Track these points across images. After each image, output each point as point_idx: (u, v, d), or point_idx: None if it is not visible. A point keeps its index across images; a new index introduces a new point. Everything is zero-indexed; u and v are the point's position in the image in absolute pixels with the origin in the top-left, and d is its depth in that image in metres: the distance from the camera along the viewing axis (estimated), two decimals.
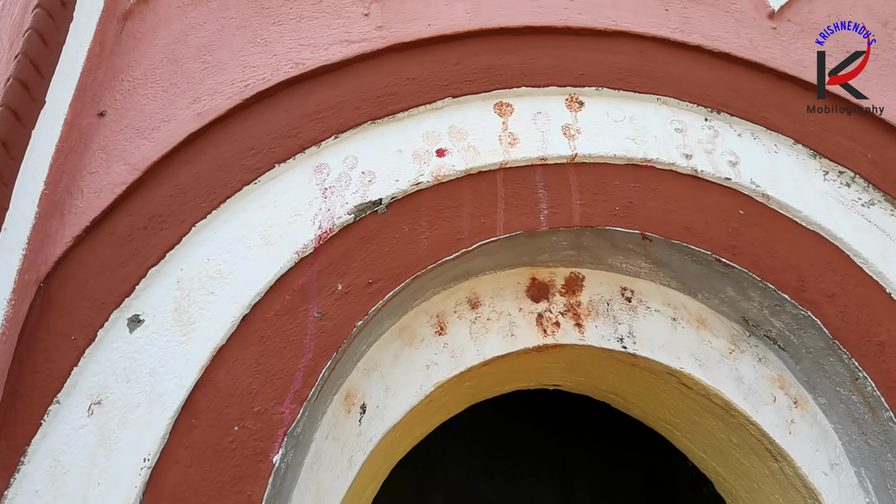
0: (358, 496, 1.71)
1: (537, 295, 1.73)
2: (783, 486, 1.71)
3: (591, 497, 5.23)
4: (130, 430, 1.37)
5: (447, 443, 5.29)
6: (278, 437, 1.38)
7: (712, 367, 1.70)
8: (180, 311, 1.48)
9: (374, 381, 1.62)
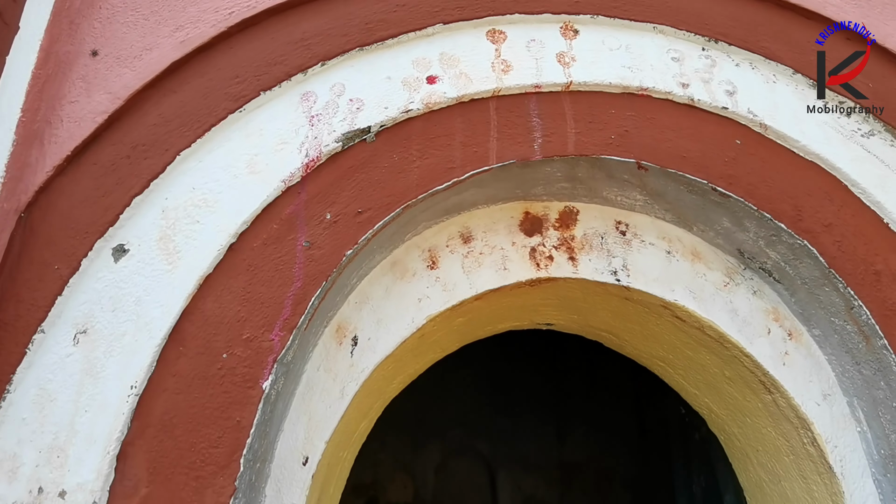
0: (351, 430, 1.70)
1: (531, 229, 1.69)
2: (776, 419, 1.70)
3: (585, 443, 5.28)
4: (117, 359, 1.35)
5: (443, 401, 5.32)
6: (268, 364, 1.36)
7: (707, 300, 1.67)
8: (166, 239, 1.44)
9: (366, 314, 1.60)
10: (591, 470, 5.25)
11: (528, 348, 5.36)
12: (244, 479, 1.30)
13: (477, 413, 5.30)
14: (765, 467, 1.82)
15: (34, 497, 1.26)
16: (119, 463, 1.29)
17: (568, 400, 5.36)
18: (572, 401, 5.35)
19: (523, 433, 5.28)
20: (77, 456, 1.28)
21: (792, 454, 1.70)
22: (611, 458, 5.26)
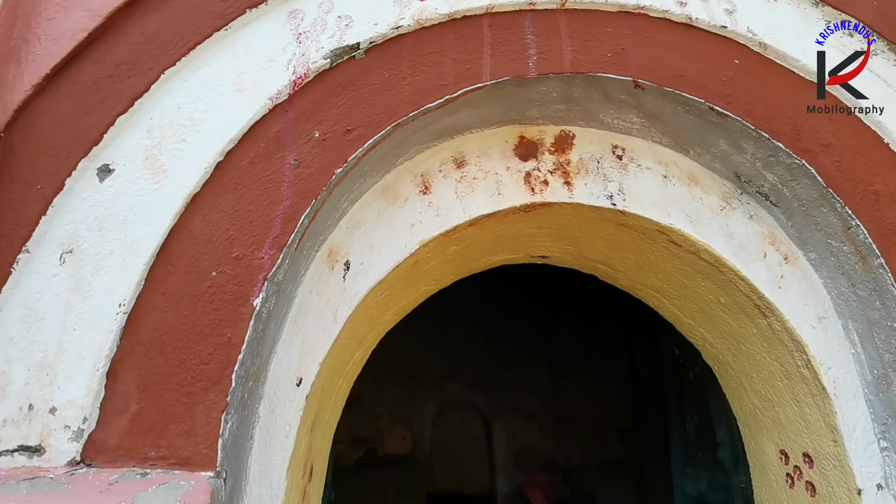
0: (346, 357, 1.68)
1: (525, 153, 1.65)
2: (770, 343, 1.69)
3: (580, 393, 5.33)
4: (104, 278, 1.32)
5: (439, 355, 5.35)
6: (258, 282, 1.33)
7: (703, 224, 1.64)
8: (152, 159, 1.39)
9: (358, 239, 1.56)
10: (586, 419, 5.31)
11: (523, 302, 5.36)
12: (236, 395, 1.28)
13: (472, 367, 5.33)
14: (758, 394, 1.82)
15: (24, 414, 1.25)
16: (109, 380, 1.27)
17: (563, 352, 5.39)
18: (567, 353, 5.39)
19: (518, 385, 5.32)
20: (66, 373, 1.26)
21: (786, 378, 1.69)
22: (605, 407, 5.31)
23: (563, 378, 5.34)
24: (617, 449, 5.27)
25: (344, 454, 5.09)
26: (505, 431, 5.25)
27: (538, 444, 5.23)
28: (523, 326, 5.39)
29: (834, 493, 1.60)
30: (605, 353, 5.41)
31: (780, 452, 1.79)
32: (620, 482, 5.13)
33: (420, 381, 5.27)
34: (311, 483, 1.62)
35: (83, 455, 1.22)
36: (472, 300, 5.35)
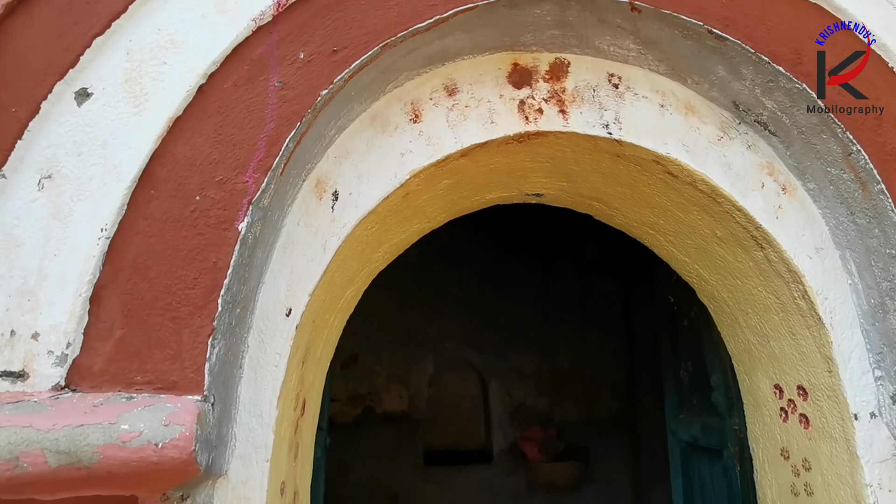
0: (336, 293, 1.65)
1: (519, 81, 1.59)
2: (766, 276, 1.66)
3: (575, 352, 5.33)
4: (85, 203, 1.27)
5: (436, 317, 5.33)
6: (243, 206, 1.29)
7: (699, 154, 1.59)
8: (132, 82, 1.33)
9: (346, 169, 1.51)
10: (581, 378, 5.33)
11: (519, 264, 5.34)
12: (223, 320, 1.24)
13: (469, 327, 5.33)
14: (754, 329, 1.79)
15: (6, 340, 1.21)
16: (92, 306, 1.23)
17: (558, 312, 5.39)
18: (563, 312, 5.38)
19: (514, 344, 5.33)
20: (48, 299, 1.22)
21: (782, 311, 1.66)
22: (599, 365, 5.33)
23: (559, 337, 5.35)
24: (611, 405, 5.31)
25: (342, 412, 5.11)
26: (501, 389, 5.27)
27: (533, 402, 5.26)
28: (519, 287, 5.38)
29: (827, 423, 1.59)
30: (601, 311, 5.41)
31: (774, 387, 1.77)
32: (614, 437, 5.18)
33: (417, 341, 5.26)
34: (303, 417, 1.60)
35: (67, 380, 1.19)
36: (469, 262, 5.33)
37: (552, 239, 5.44)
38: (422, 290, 5.30)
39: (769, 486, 1.82)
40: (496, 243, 5.38)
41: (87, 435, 1.04)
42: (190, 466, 1.09)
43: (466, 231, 5.40)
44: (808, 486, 1.65)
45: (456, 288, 5.35)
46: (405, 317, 5.27)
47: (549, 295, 5.40)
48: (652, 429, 4.87)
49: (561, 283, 5.41)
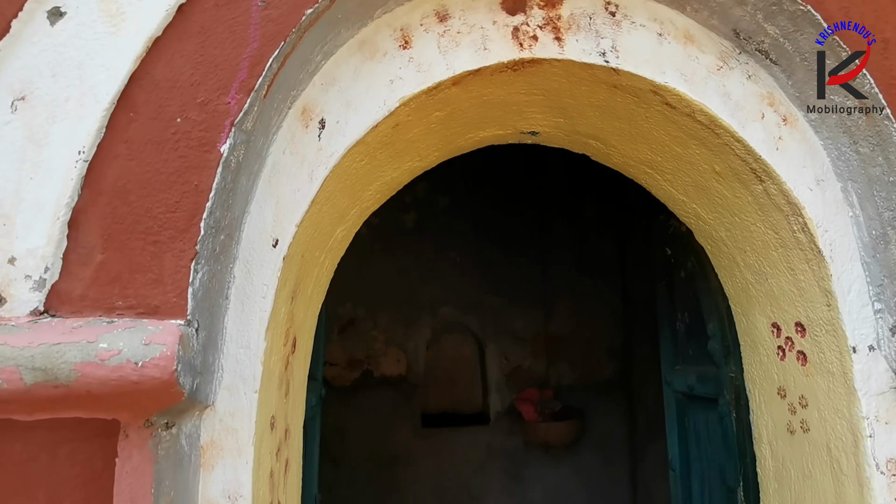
0: (325, 230, 1.60)
1: (513, 7, 1.52)
2: (765, 211, 1.62)
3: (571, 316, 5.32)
4: (61, 125, 1.21)
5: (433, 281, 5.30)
6: (225, 128, 1.23)
7: (698, 83, 1.54)
8: (107, 1, 1.27)
9: (333, 96, 1.45)
10: (577, 341, 5.32)
11: (517, 228, 5.29)
12: (206, 245, 1.20)
13: (466, 291, 5.30)
14: (751, 268, 1.75)
15: None
16: (71, 230, 1.18)
17: (555, 276, 5.35)
18: (560, 277, 5.35)
19: (511, 309, 5.31)
20: (24, 223, 1.17)
21: (781, 247, 1.62)
22: (596, 329, 5.32)
23: (556, 300, 5.33)
24: (607, 368, 5.31)
25: (340, 376, 5.11)
26: (498, 353, 5.26)
27: (530, 365, 5.26)
28: (517, 251, 5.34)
29: (825, 358, 1.56)
30: (598, 275, 5.38)
31: (771, 326, 1.74)
32: (610, 398, 5.19)
33: (414, 305, 5.24)
34: (294, 355, 1.57)
35: (46, 305, 1.15)
36: (466, 227, 5.28)
37: (549, 202, 5.39)
38: (419, 254, 5.26)
39: (765, 426, 1.80)
40: (493, 207, 5.33)
41: (64, 353, 1.01)
42: (172, 388, 1.06)
43: (463, 195, 5.35)
44: (805, 423, 1.63)
45: (453, 252, 5.31)
46: (402, 281, 5.23)
47: (547, 259, 5.36)
48: (647, 390, 4.87)
49: (558, 247, 5.37)
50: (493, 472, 5.06)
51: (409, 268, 5.24)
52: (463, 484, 5.02)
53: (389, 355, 5.19)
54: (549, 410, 4.63)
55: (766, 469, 1.81)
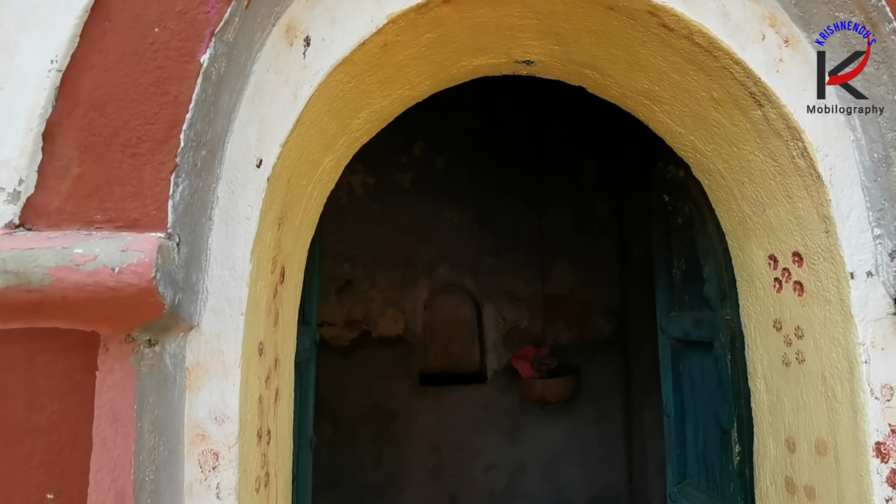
0: (313, 157, 1.55)
1: None
2: (763, 138, 1.57)
3: (569, 276, 5.30)
4: (32, 33, 1.16)
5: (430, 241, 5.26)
6: (205, 37, 1.18)
7: (697, 3, 1.47)
8: None
9: (319, 13, 1.39)
10: (574, 301, 5.31)
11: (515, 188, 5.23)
12: (186, 157, 1.15)
13: (464, 252, 5.26)
14: (749, 199, 1.71)
15: None
16: (46, 142, 1.14)
17: (553, 237, 5.31)
18: (558, 237, 5.31)
19: (509, 269, 5.28)
20: None
21: (779, 174, 1.58)
22: (593, 289, 5.30)
23: (553, 261, 5.29)
24: (604, 328, 5.30)
25: (338, 336, 5.10)
26: (495, 313, 5.25)
27: (527, 325, 5.25)
28: (515, 211, 5.29)
29: (822, 286, 1.53)
30: (596, 236, 5.34)
31: (768, 258, 1.70)
32: (606, 357, 5.20)
33: (412, 266, 5.21)
34: (283, 284, 1.54)
35: (22, 219, 1.11)
36: (463, 188, 5.22)
37: (548, 162, 5.32)
38: (416, 215, 5.21)
39: (760, 360, 1.78)
40: (491, 168, 5.26)
41: (38, 257, 0.97)
42: (151, 297, 1.02)
43: (461, 155, 5.28)
44: (800, 354, 1.60)
45: (450, 213, 5.26)
46: (399, 242, 5.19)
47: (545, 220, 5.32)
48: (643, 349, 4.87)
49: (557, 207, 5.32)
50: (490, 429, 5.09)
51: (406, 228, 5.20)
52: (460, 440, 5.06)
53: (387, 315, 5.18)
54: (546, 367, 4.63)
55: (760, 403, 1.80)
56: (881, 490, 1.39)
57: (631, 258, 5.14)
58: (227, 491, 1.24)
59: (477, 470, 5.05)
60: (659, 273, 2.73)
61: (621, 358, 5.24)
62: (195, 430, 1.25)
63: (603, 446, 5.15)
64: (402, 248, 5.20)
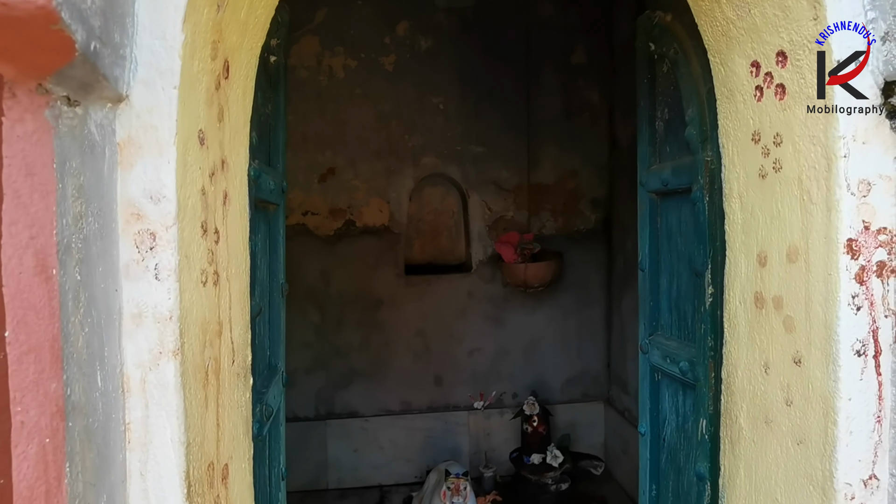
0: None
1: None
2: None
3: (556, 166, 5.18)
4: None
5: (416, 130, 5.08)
6: None
7: None
8: None
9: None
10: (561, 191, 5.21)
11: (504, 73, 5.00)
12: None
13: (449, 141, 5.10)
14: (733, 3, 1.56)
15: None
16: None
17: (541, 125, 5.15)
18: (546, 126, 5.14)
19: (495, 159, 5.14)
20: None
21: None
22: (580, 179, 5.19)
23: (541, 150, 5.15)
24: (589, 219, 5.24)
25: (323, 225, 5.03)
26: (480, 203, 5.16)
27: (513, 215, 5.17)
28: (502, 98, 5.09)
29: (806, 83, 1.41)
30: (584, 125, 5.18)
31: (751, 66, 1.58)
32: (590, 247, 5.17)
33: (396, 154, 5.06)
34: (227, 81, 1.41)
35: None
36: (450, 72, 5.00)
37: (537, 46, 5.07)
38: (400, 100, 5.01)
39: (736, 178, 1.70)
40: (479, 53, 5.02)
41: None
42: (53, 23, 0.90)
43: (448, 39, 5.01)
44: (777, 163, 1.51)
45: (435, 99, 5.06)
46: (383, 129, 5.02)
47: (533, 107, 5.12)
48: (628, 238, 4.83)
49: (546, 94, 5.12)
50: (474, 316, 5.13)
51: (389, 115, 5.01)
52: (445, 326, 5.10)
53: (371, 205, 5.09)
54: (529, 252, 4.59)
55: (734, 224, 1.73)
56: (848, 287, 1.34)
57: (620, 146, 5.00)
58: (167, 273, 1.17)
59: (461, 354, 5.12)
60: (641, 127, 2.61)
61: (605, 248, 5.21)
62: (130, 208, 1.17)
63: (583, 332, 5.21)
64: (385, 135, 5.03)
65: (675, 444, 2.38)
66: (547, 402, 4.91)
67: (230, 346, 1.43)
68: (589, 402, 5.23)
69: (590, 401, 5.23)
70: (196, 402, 1.23)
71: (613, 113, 5.12)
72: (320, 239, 5.00)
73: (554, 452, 4.18)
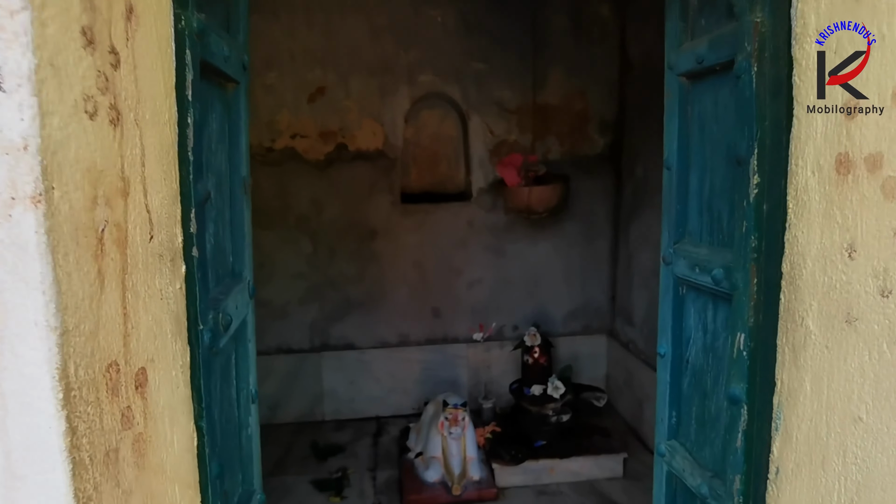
0: None
1: None
2: None
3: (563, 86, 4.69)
4: None
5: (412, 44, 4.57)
6: None
7: None
8: None
9: None
10: (568, 113, 4.74)
11: None
12: None
13: (448, 57, 4.59)
14: None
15: None
16: None
17: (548, 41, 4.62)
18: (552, 42, 4.62)
19: (498, 77, 4.64)
20: None
21: None
22: (588, 100, 4.71)
23: (546, 68, 4.65)
24: (597, 144, 4.79)
25: (313, 149, 4.59)
26: (481, 126, 4.70)
27: (516, 138, 4.72)
28: (506, 13, 4.55)
29: None
30: (594, 42, 4.66)
31: None
32: (597, 174, 4.75)
33: (391, 72, 4.57)
34: None
35: None
36: None
37: None
38: (395, 12, 4.49)
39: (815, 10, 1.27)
40: None
41: None
42: None
43: None
44: None
45: (433, 11, 4.53)
46: (377, 45, 4.51)
47: (538, 21, 4.59)
48: (637, 165, 4.40)
49: (552, 6, 4.58)
50: (475, 246, 4.75)
51: (383, 28, 4.50)
52: (444, 257, 4.73)
53: (364, 128, 4.63)
54: (533, 174, 4.17)
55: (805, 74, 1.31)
56: None
57: (632, 63, 4.50)
58: (16, 80, 0.76)
59: (461, 285, 4.78)
60: None
61: (613, 174, 4.78)
62: None
63: (587, 263, 4.85)
64: (379, 51, 4.53)
65: (700, 366, 2.03)
66: (549, 334, 4.59)
67: (145, 214, 1.04)
68: (591, 334, 4.92)
69: (592, 333, 4.92)
70: (80, 275, 0.85)
71: (626, 29, 4.59)
72: (310, 164, 4.57)
73: (555, 384, 3.88)
